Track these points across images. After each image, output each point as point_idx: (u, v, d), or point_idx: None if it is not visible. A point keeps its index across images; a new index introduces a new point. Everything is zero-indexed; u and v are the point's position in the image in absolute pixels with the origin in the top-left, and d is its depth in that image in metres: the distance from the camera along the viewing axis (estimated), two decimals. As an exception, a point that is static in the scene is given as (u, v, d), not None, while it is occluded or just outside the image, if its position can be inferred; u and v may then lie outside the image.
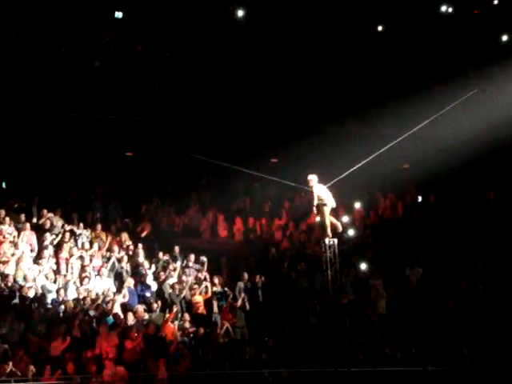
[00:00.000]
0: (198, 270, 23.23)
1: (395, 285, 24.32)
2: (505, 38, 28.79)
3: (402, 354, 21.44)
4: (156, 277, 22.65)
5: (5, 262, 21.46)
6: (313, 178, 19.46)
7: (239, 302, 22.21)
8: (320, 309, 22.47)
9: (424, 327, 22.61)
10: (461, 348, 21.96)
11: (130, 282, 21.79)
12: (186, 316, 21.33)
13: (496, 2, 29.31)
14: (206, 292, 22.42)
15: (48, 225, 23.23)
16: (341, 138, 26.91)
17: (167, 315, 21.12)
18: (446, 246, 27.12)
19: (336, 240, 20.27)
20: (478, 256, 26.23)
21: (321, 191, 19.59)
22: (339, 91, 27.92)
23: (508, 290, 24.70)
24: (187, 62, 26.92)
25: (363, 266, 24.27)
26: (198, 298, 22.11)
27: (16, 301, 20.42)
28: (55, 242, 22.71)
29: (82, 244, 22.97)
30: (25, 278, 21.08)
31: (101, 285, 21.70)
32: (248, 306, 22.34)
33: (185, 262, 23.51)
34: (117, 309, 20.72)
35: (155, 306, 21.36)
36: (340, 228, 20.00)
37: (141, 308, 20.98)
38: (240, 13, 27.75)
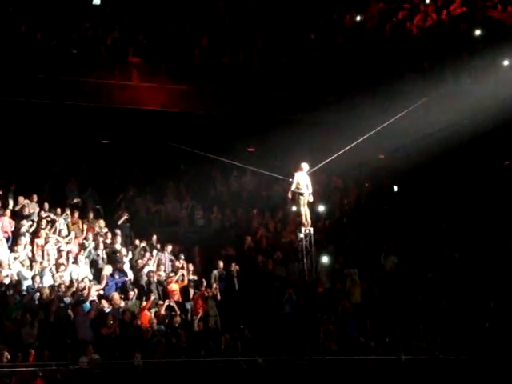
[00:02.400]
0: (173, 260, 23.27)
1: (370, 273, 24.47)
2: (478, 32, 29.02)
3: (376, 343, 21.59)
4: (133, 265, 22.67)
5: (-20, 250, 21.41)
6: (304, 166, 19.84)
7: (210, 291, 22.21)
8: (295, 297, 22.58)
9: (398, 316, 22.79)
10: (434, 337, 22.16)
11: (107, 269, 21.81)
12: (162, 303, 21.37)
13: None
14: (183, 280, 22.47)
15: (25, 211, 23.17)
16: (318, 128, 26.98)
17: (143, 303, 21.16)
18: (420, 235, 27.37)
19: (312, 229, 20.44)
20: (452, 246, 26.48)
21: (302, 180, 19.77)
22: (316, 81, 27.97)
23: (483, 279, 24.98)
24: (165, 50, 26.86)
25: (325, 259, 24.17)
26: (174, 286, 22.15)
27: (-9, 287, 20.39)
28: (31, 230, 22.66)
29: (59, 231, 22.94)
30: (0, 265, 21.00)
31: (77, 272, 21.68)
32: (219, 296, 22.36)
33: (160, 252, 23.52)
34: (93, 296, 20.72)
35: (131, 293, 21.37)
36: (309, 223, 20.18)
37: (117, 295, 21.00)
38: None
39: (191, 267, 22.91)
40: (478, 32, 28.86)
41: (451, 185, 30.15)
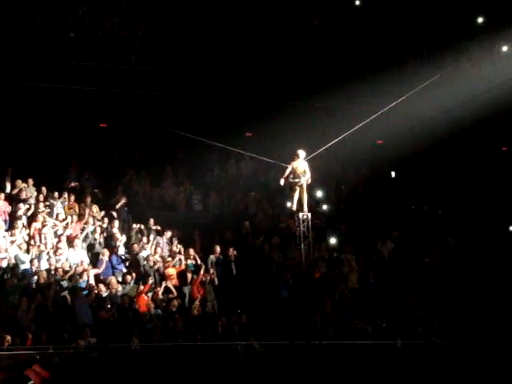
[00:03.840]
0: (170, 245, 23.32)
1: (367, 259, 24.51)
2: (480, 19, 28.95)
3: (372, 328, 21.64)
4: (130, 249, 22.69)
5: (-23, 233, 21.42)
6: (300, 153, 19.82)
7: (208, 276, 22.25)
8: (292, 282, 22.62)
9: (395, 302, 22.83)
10: (431, 322, 22.21)
11: (104, 253, 21.84)
12: (160, 287, 21.42)
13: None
14: (180, 265, 22.50)
15: (23, 195, 23.15)
16: (316, 114, 26.97)
17: (141, 287, 21.19)
18: (417, 221, 27.41)
19: (309, 214, 20.43)
20: (449, 232, 26.52)
21: (299, 167, 19.75)
22: (315, 66, 27.92)
23: (478, 267, 25.03)
24: (163, 34, 26.78)
25: (333, 241, 24.36)
26: (172, 271, 22.18)
27: (-12, 271, 20.41)
28: (29, 213, 22.67)
29: (57, 215, 22.95)
30: (-2, 248, 21.04)
31: (74, 256, 21.71)
32: (217, 280, 22.40)
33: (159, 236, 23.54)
34: (91, 280, 20.76)
35: (129, 277, 21.40)
36: (306, 209, 20.19)
37: (114, 280, 21.04)
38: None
39: (190, 252, 22.92)
40: (477, 18, 28.84)
41: (449, 171, 30.17)
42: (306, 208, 20.29)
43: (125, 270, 21.91)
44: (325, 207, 26.51)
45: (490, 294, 23.76)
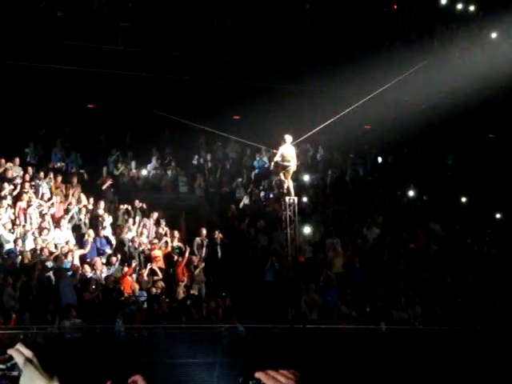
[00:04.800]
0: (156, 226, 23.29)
1: (352, 244, 24.55)
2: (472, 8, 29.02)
3: (357, 313, 21.71)
4: (115, 230, 22.64)
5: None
6: (287, 138, 19.85)
7: (197, 259, 22.25)
8: (278, 266, 22.65)
9: (379, 286, 22.90)
10: (415, 308, 22.30)
11: (90, 234, 21.78)
12: (145, 270, 21.41)
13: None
14: (166, 247, 22.49)
15: (8, 175, 23.03)
16: (304, 98, 26.93)
17: (126, 269, 21.17)
18: (403, 207, 27.47)
19: (296, 199, 20.45)
20: (434, 218, 26.59)
21: (287, 152, 19.77)
22: (303, 50, 27.85)
23: (463, 252, 25.14)
24: (151, 15, 26.63)
25: (307, 230, 24.15)
26: (157, 253, 22.16)
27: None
28: (15, 193, 22.56)
29: (42, 195, 22.86)
30: (-18, 228, 20.94)
31: (60, 236, 21.65)
32: (203, 263, 22.41)
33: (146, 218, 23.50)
34: (76, 261, 20.71)
35: (114, 259, 21.37)
36: (292, 193, 20.21)
37: (99, 261, 21.01)
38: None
39: (175, 234, 22.91)
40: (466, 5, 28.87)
41: (436, 157, 30.25)
42: (292, 192, 20.32)
43: (110, 252, 21.86)
44: (311, 191, 26.50)
45: (475, 280, 23.87)
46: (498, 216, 27.37)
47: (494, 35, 28.09)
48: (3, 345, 17.07)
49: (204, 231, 23.30)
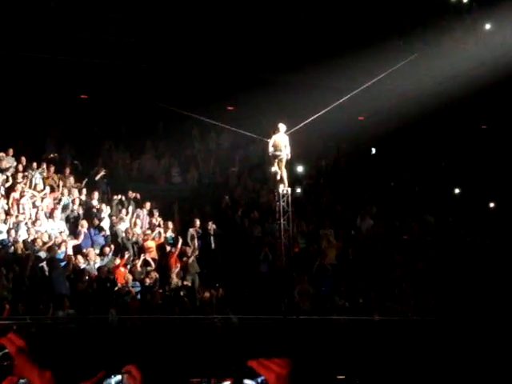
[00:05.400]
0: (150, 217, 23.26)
1: (346, 235, 24.57)
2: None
3: (350, 303, 21.75)
4: (109, 221, 22.59)
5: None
6: (281, 127, 19.85)
7: (191, 250, 22.24)
8: (271, 257, 22.65)
9: (373, 277, 22.93)
10: (408, 299, 22.34)
11: (83, 224, 21.73)
12: (138, 261, 21.39)
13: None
14: (159, 237, 22.46)
15: (1, 165, 22.97)
16: (298, 88, 26.89)
17: (119, 260, 21.14)
18: (396, 198, 27.49)
19: (289, 189, 20.44)
20: (427, 209, 26.63)
21: (280, 141, 19.74)
22: (298, 41, 27.80)
23: (457, 243, 25.18)
24: (145, 5, 26.53)
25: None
26: (151, 243, 22.13)
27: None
28: (8, 184, 22.49)
29: (35, 185, 22.80)
30: (-26, 219, 20.89)
31: (53, 227, 21.60)
32: (196, 253, 22.40)
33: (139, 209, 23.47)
34: (69, 251, 20.68)
35: (107, 249, 21.34)
36: (286, 183, 20.20)
37: (93, 251, 20.97)
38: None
39: (169, 225, 22.88)
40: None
41: (429, 148, 30.25)
42: (286, 182, 20.30)
43: (103, 242, 21.82)
44: (304, 182, 26.50)
45: (469, 271, 23.92)
46: (491, 205, 27.44)
47: (488, 26, 28.05)
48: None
49: (197, 222, 23.27)
